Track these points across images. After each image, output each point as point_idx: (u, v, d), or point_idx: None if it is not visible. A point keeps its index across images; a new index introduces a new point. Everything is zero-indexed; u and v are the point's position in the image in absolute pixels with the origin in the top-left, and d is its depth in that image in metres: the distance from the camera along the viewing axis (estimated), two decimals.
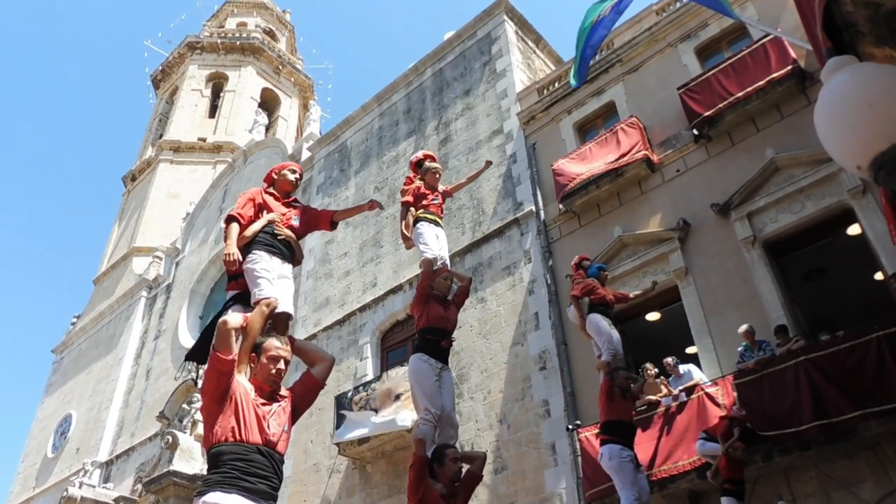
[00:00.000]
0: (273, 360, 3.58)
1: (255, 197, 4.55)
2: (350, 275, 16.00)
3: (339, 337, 15.07)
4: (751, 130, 10.60)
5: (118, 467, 19.48)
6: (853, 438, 7.65)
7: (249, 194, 4.58)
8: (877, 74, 2.44)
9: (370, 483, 12.48)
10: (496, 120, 14.87)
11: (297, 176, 4.83)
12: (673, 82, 11.78)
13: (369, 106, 18.74)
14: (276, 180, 4.77)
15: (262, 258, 4.22)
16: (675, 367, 9.34)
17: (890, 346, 7.44)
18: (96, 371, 23.30)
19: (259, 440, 3.35)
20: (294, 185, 4.79)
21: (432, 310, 5.45)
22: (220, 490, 3.16)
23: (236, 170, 23.86)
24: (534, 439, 10.67)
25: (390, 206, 16.19)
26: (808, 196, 9.56)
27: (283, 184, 4.73)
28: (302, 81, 36.31)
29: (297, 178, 4.81)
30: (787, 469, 8.18)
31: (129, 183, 31.17)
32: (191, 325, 21.16)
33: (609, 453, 6.46)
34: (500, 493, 10.58)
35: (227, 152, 28.67)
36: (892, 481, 7.57)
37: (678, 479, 8.54)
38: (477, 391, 11.77)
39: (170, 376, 19.80)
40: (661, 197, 11.29)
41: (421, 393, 5.16)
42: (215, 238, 22.44)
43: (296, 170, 4.86)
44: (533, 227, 12.70)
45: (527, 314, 11.89)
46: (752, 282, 9.56)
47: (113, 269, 27.00)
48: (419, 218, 5.98)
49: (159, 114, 33.75)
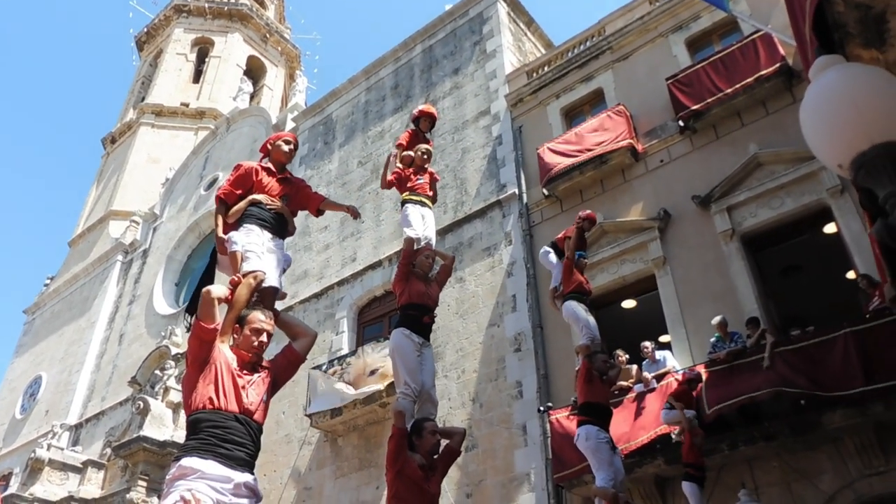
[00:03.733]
0: (256, 333, 3.61)
1: (249, 172, 4.47)
2: (329, 248, 15.96)
3: (316, 310, 15.07)
4: (736, 125, 10.69)
5: (87, 431, 19.40)
6: (816, 431, 7.85)
7: (244, 169, 4.50)
8: (863, 75, 2.48)
9: (341, 456, 12.57)
10: (484, 100, 14.83)
11: (292, 147, 4.75)
12: (662, 73, 11.82)
13: (357, 79, 18.60)
14: (270, 151, 4.69)
15: (252, 231, 4.21)
16: (651, 353, 9.49)
17: (856, 343, 7.62)
18: (68, 333, 23.10)
19: (237, 409, 3.37)
20: (288, 156, 4.71)
21: (414, 286, 5.49)
22: (196, 456, 3.19)
23: (218, 137, 23.60)
24: (505, 419, 10.80)
25: (373, 181, 16.15)
26: (788, 193, 9.69)
27: (278, 154, 4.66)
28: (289, 51, 35.87)
29: (291, 149, 4.73)
30: (752, 458, 8.37)
31: (109, 145, 30.71)
32: (166, 292, 21.02)
33: (586, 434, 6.58)
34: (470, 470, 10.71)
35: (209, 119, 28.33)
36: (851, 474, 7.78)
37: (645, 463, 8.71)
38: (451, 370, 11.86)
39: (143, 342, 19.69)
40: (644, 186, 11.37)
41: (402, 367, 5.20)
42: (194, 205, 22.25)
43: (290, 140, 4.77)
44: (515, 210, 12.75)
45: (505, 296, 11.97)
46: (729, 275, 9.70)
47: (89, 231, 26.68)
48: (406, 200, 6.02)
49: (142, 76, 33.22)
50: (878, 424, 7.58)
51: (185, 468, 3.16)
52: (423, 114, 6.61)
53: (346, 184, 16.82)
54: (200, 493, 3.07)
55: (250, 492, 3.32)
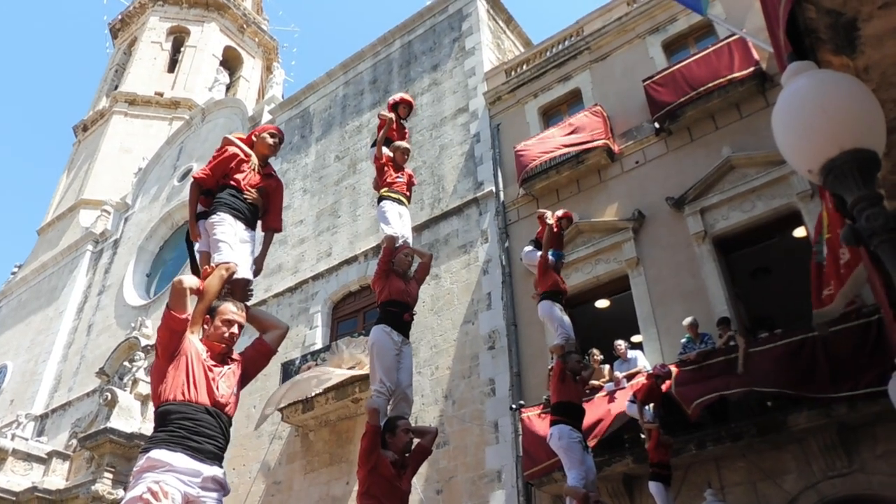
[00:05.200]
0: (227, 324, 3.57)
1: (230, 158, 4.33)
2: (305, 243, 15.87)
3: (290, 304, 14.98)
4: (710, 127, 10.82)
5: (53, 421, 19.10)
6: (782, 431, 7.98)
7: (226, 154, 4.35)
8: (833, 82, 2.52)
9: (312, 451, 12.52)
10: (462, 98, 14.84)
11: (277, 141, 4.62)
12: (639, 74, 11.92)
13: (335, 73, 18.50)
14: (255, 143, 4.56)
15: (224, 221, 4.14)
16: (624, 351, 9.59)
17: (823, 346, 7.76)
18: (35, 323, 22.72)
19: (207, 401, 3.34)
20: (273, 149, 4.58)
21: (393, 284, 5.51)
22: (165, 448, 3.15)
23: (193, 128, 23.33)
24: (477, 416, 10.83)
25: (350, 175, 16.09)
26: (760, 196, 9.82)
27: (262, 147, 4.54)
28: (266, 42, 35.56)
29: (276, 142, 4.60)
30: (719, 458, 8.49)
31: (81, 133, 30.22)
32: (137, 283, 20.76)
33: (559, 433, 6.64)
34: (441, 467, 10.73)
35: (184, 109, 28.00)
36: (815, 474, 7.93)
37: (614, 462, 8.79)
38: (425, 366, 11.86)
39: (112, 333, 19.43)
40: (619, 187, 11.46)
41: (379, 364, 5.21)
42: (167, 196, 21.99)
43: (276, 134, 4.63)
44: (492, 208, 12.78)
45: (480, 293, 12.00)
46: (700, 276, 9.82)
47: (58, 220, 26.25)
48: (383, 196, 6.02)
49: (116, 64, 32.72)
50: (842, 426, 7.73)
51: (153, 460, 3.12)
52: (403, 101, 6.65)
53: (322, 178, 16.73)
54: (168, 486, 3.04)
55: (218, 485, 3.30)
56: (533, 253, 8.39)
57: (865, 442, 7.73)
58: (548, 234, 7.91)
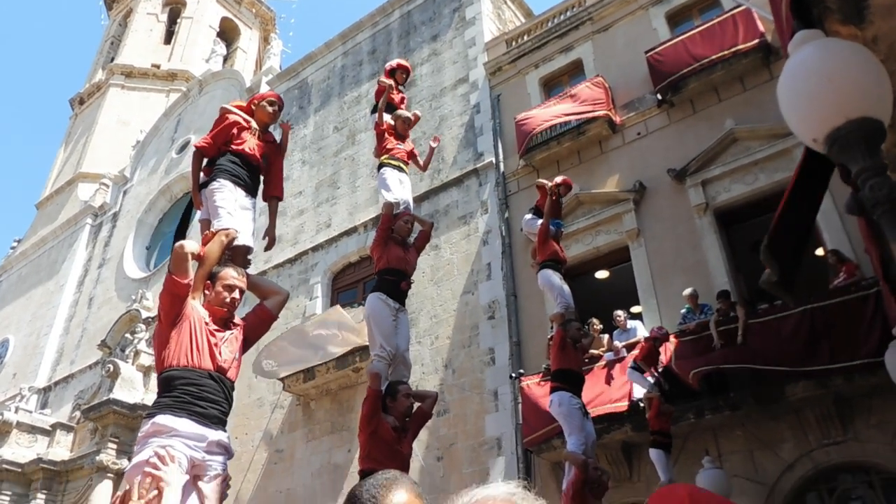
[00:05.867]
0: (228, 289, 3.59)
1: (232, 125, 4.32)
2: (304, 214, 15.86)
3: (290, 275, 15.01)
4: (713, 100, 10.76)
5: (56, 394, 19.24)
6: (779, 402, 8.07)
7: (227, 122, 4.34)
8: (840, 50, 2.50)
9: (313, 419, 12.64)
10: (462, 68, 14.72)
11: (276, 108, 4.61)
12: (641, 45, 11.81)
13: (333, 44, 18.31)
14: (254, 111, 4.56)
15: (224, 187, 4.14)
16: (624, 321, 9.65)
17: (823, 318, 7.81)
18: (36, 297, 22.76)
19: (210, 366, 3.37)
20: (272, 117, 4.57)
21: (392, 251, 5.50)
22: (170, 413, 3.19)
23: (190, 100, 23.15)
24: (477, 385, 10.93)
25: (349, 146, 16.02)
26: (762, 169, 9.80)
27: (262, 115, 4.53)
28: (264, 13, 35.11)
29: (275, 110, 4.59)
30: (717, 427, 8.58)
31: (77, 106, 29.96)
32: (137, 255, 20.77)
33: (559, 400, 6.71)
34: (441, 434, 10.85)
35: (181, 81, 27.73)
36: (810, 443, 8.03)
37: (613, 429, 8.90)
38: (425, 336, 11.93)
39: (113, 305, 19.48)
40: (620, 158, 11.43)
41: (377, 331, 5.24)
42: (166, 168, 21.90)
43: (275, 101, 4.62)
44: (492, 179, 12.75)
45: (479, 264, 12.03)
46: (701, 248, 9.84)
47: (57, 193, 26.16)
48: (383, 163, 6.00)
49: (111, 36, 32.32)
50: (838, 396, 7.82)
51: (158, 425, 3.16)
52: (400, 66, 6.60)
53: (321, 149, 16.66)
54: (174, 450, 3.08)
55: (223, 449, 3.34)
56: (533, 221, 8.37)
57: (860, 412, 7.82)
58: (549, 202, 7.91)
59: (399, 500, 1.28)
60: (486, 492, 1.12)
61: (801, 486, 8.00)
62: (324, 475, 11.91)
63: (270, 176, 4.64)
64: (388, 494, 1.29)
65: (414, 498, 1.30)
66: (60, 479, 14.88)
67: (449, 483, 10.32)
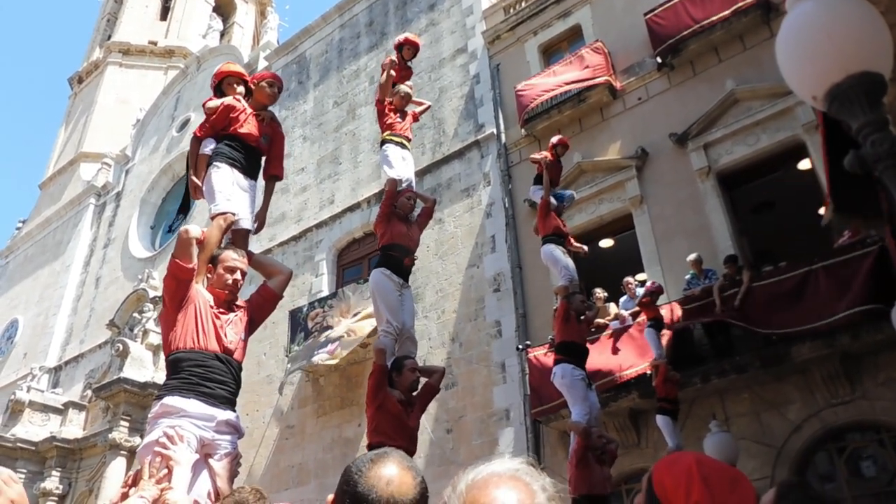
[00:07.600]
0: (230, 271, 3.62)
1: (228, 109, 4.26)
2: (307, 191, 15.82)
3: (295, 253, 15.03)
4: (713, 61, 10.62)
5: (67, 373, 19.43)
6: (785, 363, 8.07)
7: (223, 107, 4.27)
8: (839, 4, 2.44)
9: (323, 395, 12.74)
10: (460, 38, 14.55)
11: (276, 90, 4.56)
12: (640, 8, 11.63)
13: (330, 16, 18.11)
14: (254, 91, 4.51)
15: (222, 170, 4.13)
16: (633, 288, 9.66)
17: (827, 277, 7.79)
18: (43, 277, 22.90)
19: (217, 348, 3.41)
20: (272, 98, 4.54)
21: (395, 227, 5.49)
22: (178, 394, 3.24)
23: (189, 77, 23.02)
24: (484, 357, 10.97)
25: (349, 121, 15.92)
26: (764, 129, 9.71)
27: (262, 96, 4.49)
28: None
29: (275, 91, 4.56)
30: (723, 390, 8.61)
31: (76, 85, 29.84)
32: (142, 235, 20.83)
33: (562, 372, 6.76)
34: (450, 407, 10.92)
35: (179, 58, 27.56)
36: (818, 403, 8.05)
37: (620, 397, 8.94)
38: (431, 310, 11.96)
39: (120, 285, 19.58)
40: (622, 124, 11.33)
41: (383, 306, 5.24)
42: (167, 146, 21.85)
43: (275, 83, 4.57)
44: (493, 150, 12.67)
45: (484, 237, 12.00)
46: (704, 212, 9.79)
47: (59, 174, 26.17)
48: (385, 140, 5.96)
49: (107, 13, 32.06)
50: (844, 355, 7.80)
51: (167, 406, 3.21)
52: (407, 42, 6.45)
53: (322, 125, 16.56)
54: (184, 430, 3.14)
55: (233, 428, 3.39)
56: (540, 191, 8.34)
57: (868, 370, 7.81)
58: (546, 176, 7.88)
59: (385, 472, 1.30)
60: (491, 468, 1.12)
61: (809, 447, 8.02)
62: (335, 449, 12.03)
63: (271, 155, 4.63)
64: (373, 467, 1.31)
65: (402, 470, 1.31)
66: (74, 457, 15.11)
67: (458, 454, 10.42)
